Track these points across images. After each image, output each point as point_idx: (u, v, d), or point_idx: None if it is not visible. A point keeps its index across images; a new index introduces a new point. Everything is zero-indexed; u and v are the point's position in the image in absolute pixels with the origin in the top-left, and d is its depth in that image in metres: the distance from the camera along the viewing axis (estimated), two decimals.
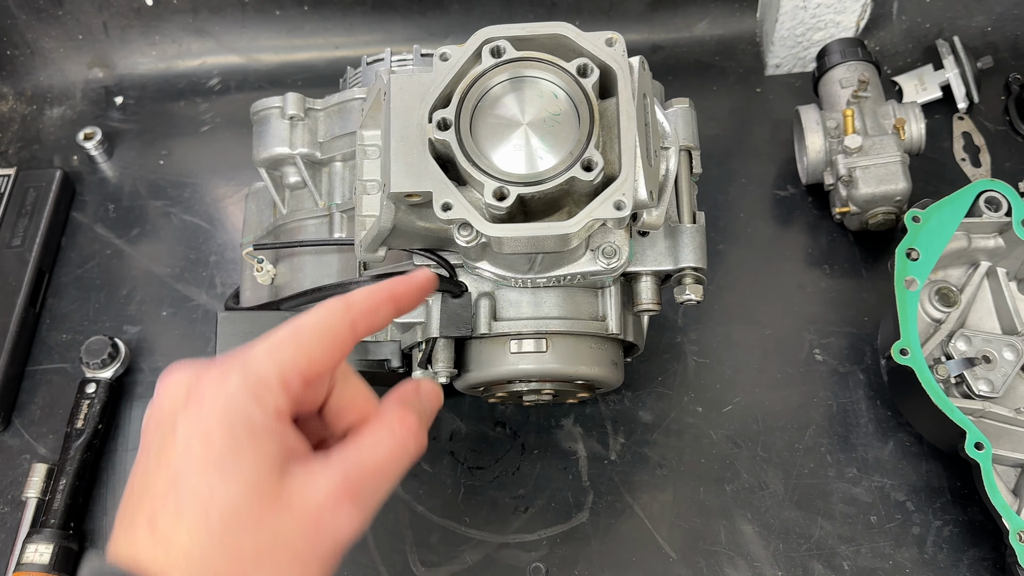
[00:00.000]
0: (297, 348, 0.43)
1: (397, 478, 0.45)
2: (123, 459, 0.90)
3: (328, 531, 0.41)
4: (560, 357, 0.71)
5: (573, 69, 0.59)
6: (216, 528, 0.39)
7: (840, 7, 1.04)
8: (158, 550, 0.39)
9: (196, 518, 0.39)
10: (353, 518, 0.42)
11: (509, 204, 0.57)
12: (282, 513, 0.40)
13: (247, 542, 0.39)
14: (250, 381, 0.42)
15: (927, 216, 0.83)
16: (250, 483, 0.40)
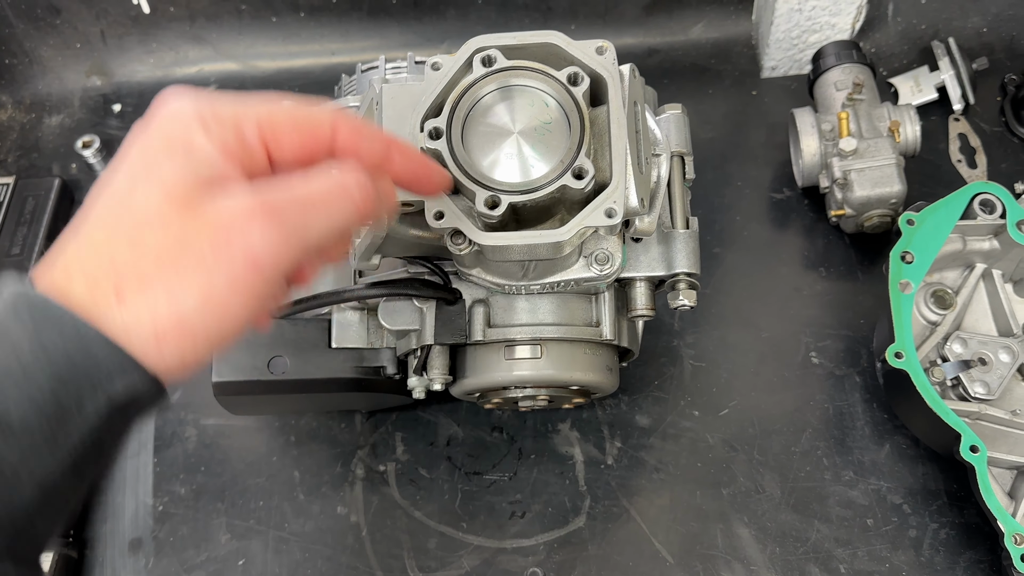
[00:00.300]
0: (264, 109, 0.43)
1: (336, 219, 0.43)
2: (122, 467, 0.90)
3: (238, 243, 0.39)
4: (555, 363, 0.71)
5: (563, 78, 0.59)
6: (125, 224, 0.39)
7: (835, 9, 1.04)
8: (71, 246, 0.39)
9: (109, 217, 0.40)
10: (268, 236, 0.39)
11: (501, 213, 0.57)
12: (192, 221, 0.39)
13: (152, 242, 0.39)
14: (202, 109, 0.42)
15: (921, 219, 0.83)
16: (167, 189, 0.39)
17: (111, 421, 0.39)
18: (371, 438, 0.89)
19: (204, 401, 0.91)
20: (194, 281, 0.39)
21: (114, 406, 0.39)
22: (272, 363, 0.75)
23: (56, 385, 0.37)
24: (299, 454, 0.89)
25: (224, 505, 0.87)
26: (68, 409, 0.37)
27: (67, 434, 0.37)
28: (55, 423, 0.37)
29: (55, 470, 0.37)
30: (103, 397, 0.38)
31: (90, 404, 0.38)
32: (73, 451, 0.38)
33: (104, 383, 0.38)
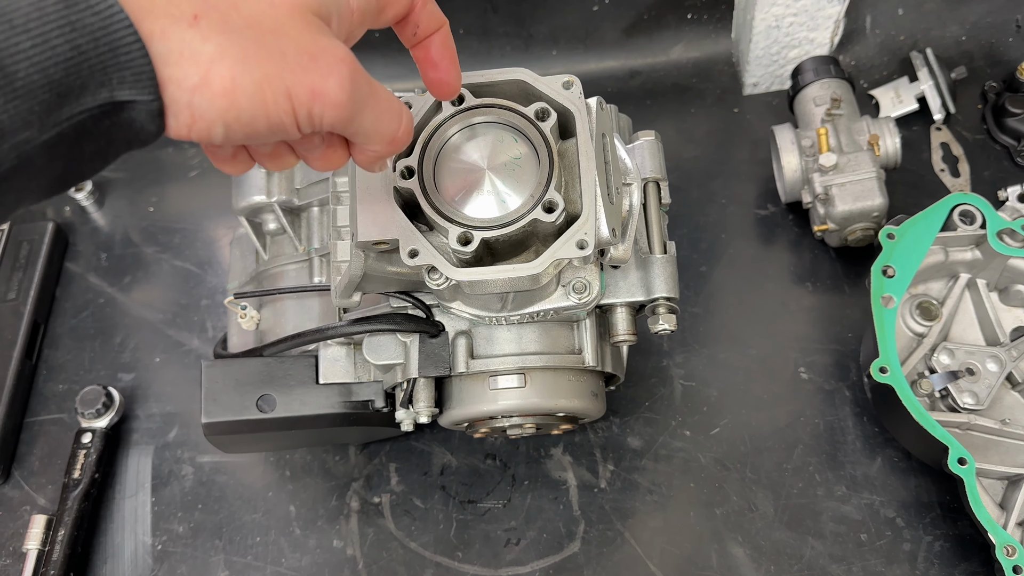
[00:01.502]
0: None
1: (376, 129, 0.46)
2: (120, 507, 0.91)
3: (319, 67, 0.41)
4: (539, 391, 0.71)
5: (531, 113, 0.60)
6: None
7: (813, 24, 1.05)
8: None
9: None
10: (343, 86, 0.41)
11: (474, 248, 0.58)
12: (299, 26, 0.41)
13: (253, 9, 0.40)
14: None
15: (901, 232, 0.83)
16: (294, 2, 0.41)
17: (99, 124, 0.38)
18: (365, 470, 0.90)
19: (200, 439, 0.93)
20: (264, 64, 0.39)
21: (109, 110, 0.37)
22: (261, 401, 0.76)
23: (71, 59, 0.35)
24: (294, 488, 0.90)
25: (222, 542, 0.88)
26: (71, 89, 0.36)
27: (59, 114, 0.36)
28: (53, 98, 0.36)
29: (35, 143, 0.36)
30: (106, 94, 0.37)
31: (90, 96, 0.37)
32: (56, 134, 0.37)
33: (114, 80, 0.37)
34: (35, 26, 0.35)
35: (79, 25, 0.35)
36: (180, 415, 0.96)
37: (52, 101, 0.36)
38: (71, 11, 0.35)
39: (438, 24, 0.51)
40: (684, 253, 0.99)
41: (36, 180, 0.38)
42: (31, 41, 0.35)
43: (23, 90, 0.35)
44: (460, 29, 1.13)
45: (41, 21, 0.35)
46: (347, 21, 0.44)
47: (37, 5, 0.35)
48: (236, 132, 0.40)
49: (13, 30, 0.34)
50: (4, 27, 0.34)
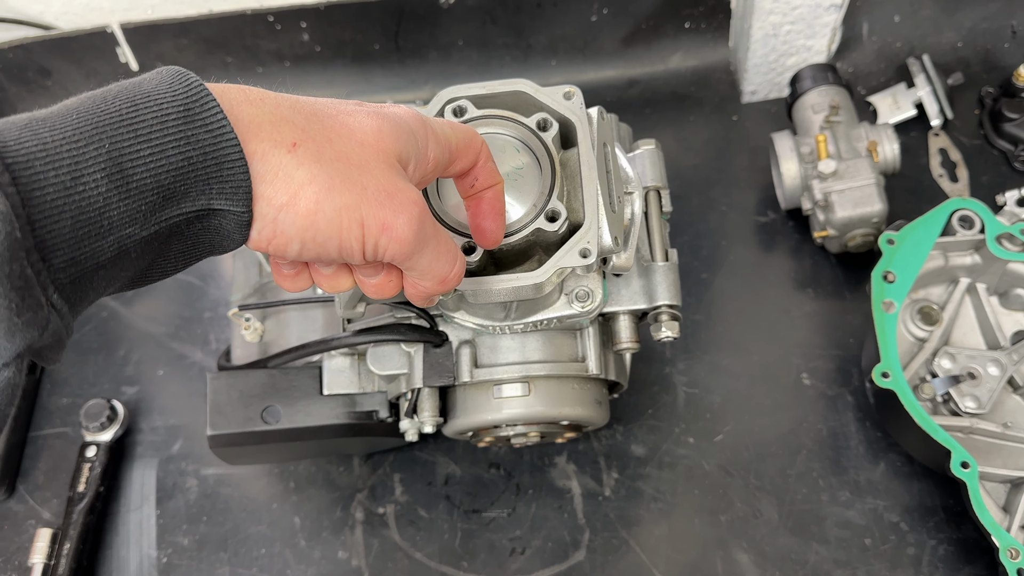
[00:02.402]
0: (452, 131, 0.52)
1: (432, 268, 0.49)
2: (125, 520, 0.91)
3: (394, 205, 0.45)
4: (543, 400, 0.72)
5: (533, 124, 0.61)
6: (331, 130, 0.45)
7: (810, 32, 1.06)
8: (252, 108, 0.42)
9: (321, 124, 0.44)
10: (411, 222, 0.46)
11: (478, 258, 0.59)
12: (379, 165, 0.45)
13: (345, 148, 0.44)
14: (428, 121, 0.50)
15: (901, 238, 0.84)
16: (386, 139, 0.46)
17: (191, 226, 0.42)
18: (370, 480, 0.90)
19: (204, 451, 0.93)
20: (345, 194, 0.43)
21: (204, 215, 0.41)
22: (266, 413, 0.76)
23: (181, 169, 0.39)
24: (299, 500, 0.90)
25: (227, 554, 0.88)
26: (177, 195, 0.40)
27: (160, 215, 0.40)
28: (159, 200, 0.39)
29: (136, 240, 0.39)
30: (204, 201, 0.41)
31: (190, 202, 0.40)
32: (154, 230, 0.40)
33: (215, 191, 0.41)
34: (156, 136, 0.39)
35: (193, 140, 0.39)
36: (184, 427, 0.96)
37: (158, 203, 0.39)
38: (188, 126, 0.39)
39: (494, 182, 0.55)
40: (685, 260, 0.99)
41: (126, 271, 0.41)
42: (150, 149, 0.39)
43: (136, 192, 0.38)
44: (459, 41, 1.14)
45: (162, 132, 0.39)
46: (422, 168, 0.49)
47: (160, 117, 0.39)
48: (310, 250, 0.44)
49: (137, 138, 0.38)
50: (127, 134, 0.38)
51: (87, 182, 0.37)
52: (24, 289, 0.35)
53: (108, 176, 0.37)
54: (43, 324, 0.37)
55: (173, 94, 0.40)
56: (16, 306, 0.35)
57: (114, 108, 0.38)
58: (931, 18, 1.12)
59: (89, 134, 0.37)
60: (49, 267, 0.37)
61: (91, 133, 0.37)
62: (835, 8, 1.02)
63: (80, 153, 0.37)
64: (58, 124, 0.37)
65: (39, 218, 0.36)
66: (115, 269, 0.40)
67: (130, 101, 0.39)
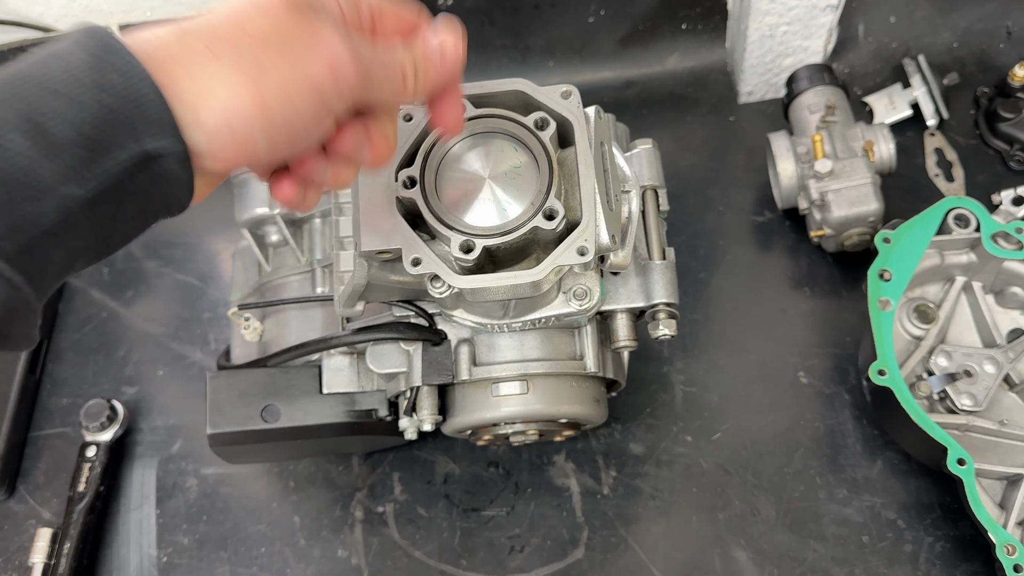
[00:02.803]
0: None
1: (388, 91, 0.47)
2: (125, 520, 0.91)
3: (326, 50, 0.43)
4: (542, 398, 0.72)
5: (531, 123, 0.61)
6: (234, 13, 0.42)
7: (806, 33, 1.07)
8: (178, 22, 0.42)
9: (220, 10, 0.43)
10: (349, 60, 0.44)
11: (476, 256, 0.59)
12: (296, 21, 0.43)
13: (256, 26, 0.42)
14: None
15: (897, 237, 0.84)
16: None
17: (134, 179, 0.40)
18: (369, 479, 0.91)
19: (204, 451, 0.92)
20: (282, 66, 0.42)
21: (141, 162, 0.40)
22: (265, 412, 0.76)
23: (101, 117, 0.38)
24: (298, 499, 0.90)
25: (227, 553, 0.88)
26: (104, 144, 0.39)
27: (96, 168, 0.39)
28: (88, 153, 0.38)
29: (77, 198, 0.39)
30: (135, 146, 0.39)
31: (123, 151, 0.39)
32: (96, 188, 0.39)
33: (142, 132, 0.39)
34: (68, 89, 0.38)
35: (106, 85, 0.39)
36: (184, 427, 0.96)
37: (87, 156, 0.38)
38: (98, 74, 0.39)
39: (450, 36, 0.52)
40: (682, 260, 1.00)
41: (82, 239, 0.40)
42: (65, 103, 0.38)
43: (60, 147, 0.38)
44: None
45: (74, 84, 0.38)
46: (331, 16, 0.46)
47: (68, 70, 0.38)
48: (277, 140, 0.43)
49: (48, 93, 0.38)
50: (38, 91, 0.38)
51: (6, 145, 0.37)
52: None
53: (26, 135, 0.37)
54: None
55: (81, 46, 0.39)
56: None
57: (25, 70, 0.38)
58: (926, 19, 1.13)
59: (1, 98, 0.37)
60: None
61: (3, 97, 0.37)
62: (831, 9, 1.03)
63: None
64: None
65: None
66: (69, 235, 0.39)
67: (39, 62, 0.39)
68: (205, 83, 0.41)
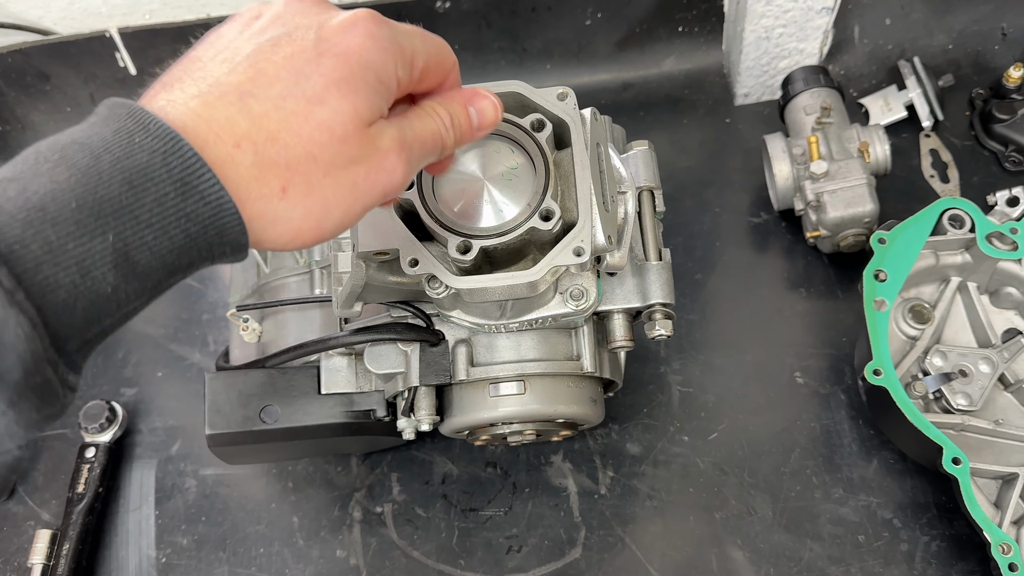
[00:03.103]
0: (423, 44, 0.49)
1: (430, 156, 0.50)
2: (124, 521, 0.92)
3: (386, 173, 0.45)
4: (539, 398, 0.73)
5: (527, 124, 0.61)
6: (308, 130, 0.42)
7: (802, 35, 1.07)
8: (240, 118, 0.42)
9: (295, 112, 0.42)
10: (402, 170, 0.46)
11: (473, 257, 0.59)
12: (364, 146, 0.44)
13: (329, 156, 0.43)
14: (395, 40, 0.46)
15: (892, 237, 0.85)
16: (360, 109, 0.44)
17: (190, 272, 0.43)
18: (367, 480, 0.91)
19: (203, 452, 0.93)
20: (344, 200, 0.44)
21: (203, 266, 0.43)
22: (264, 412, 0.77)
23: (184, 246, 0.40)
24: (297, 499, 0.91)
25: (226, 554, 0.89)
26: (181, 267, 0.41)
27: (164, 285, 0.41)
28: (166, 276, 0.40)
29: (139, 307, 0.40)
30: (206, 264, 0.42)
31: (193, 269, 0.42)
32: (160, 293, 0.41)
33: (217, 255, 0.42)
34: (157, 220, 0.39)
35: (193, 216, 0.40)
36: (183, 428, 0.96)
37: (163, 279, 0.40)
38: (186, 202, 0.39)
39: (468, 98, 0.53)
40: (679, 261, 1.00)
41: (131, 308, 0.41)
42: (153, 234, 0.39)
43: (143, 274, 0.39)
44: (455, 45, 1.13)
45: (162, 215, 0.39)
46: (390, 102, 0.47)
47: (159, 199, 0.39)
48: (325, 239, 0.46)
49: (139, 224, 0.38)
50: (132, 223, 0.38)
51: (95, 276, 0.37)
52: (44, 389, 0.36)
53: (115, 267, 0.38)
54: (58, 411, 0.38)
55: (168, 169, 0.39)
56: (36, 405, 0.36)
57: (112, 193, 0.38)
58: (922, 20, 1.14)
59: (92, 227, 0.37)
60: (65, 357, 0.37)
61: (94, 226, 0.37)
62: (826, 11, 1.03)
63: (87, 250, 0.37)
64: (59, 218, 0.37)
65: (52, 320, 0.36)
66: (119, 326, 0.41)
67: (127, 183, 0.38)
68: (273, 220, 0.42)
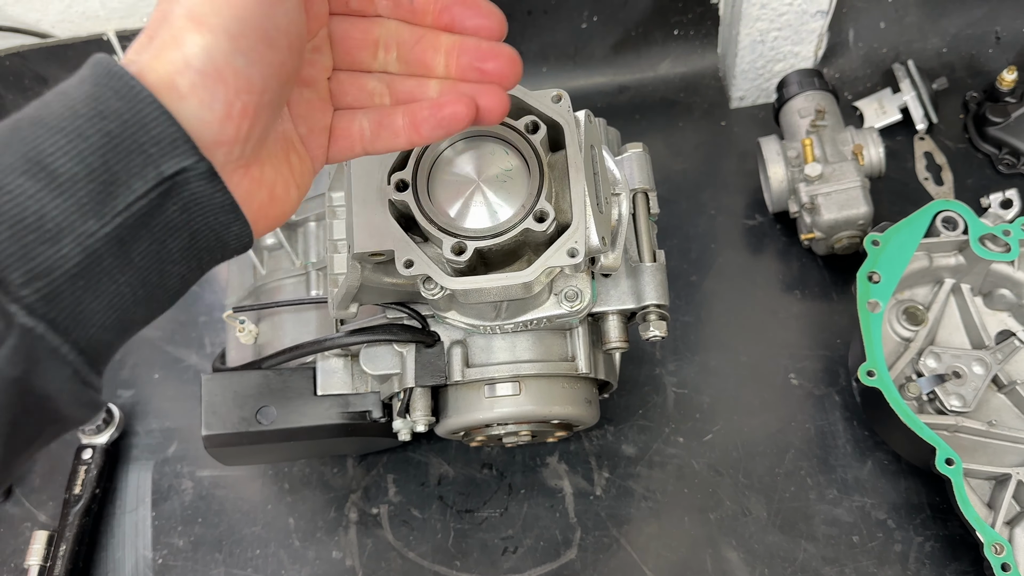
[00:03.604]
0: None
1: None
2: (121, 522, 0.92)
3: None
4: (534, 399, 0.73)
5: (522, 126, 0.62)
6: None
7: (797, 38, 1.08)
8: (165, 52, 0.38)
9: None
10: None
11: (467, 258, 0.60)
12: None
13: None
14: None
15: (886, 239, 0.85)
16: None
17: (164, 205, 0.38)
18: (363, 481, 0.91)
19: (199, 453, 0.93)
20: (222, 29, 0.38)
21: (166, 190, 0.38)
22: (260, 413, 0.77)
23: (107, 145, 0.36)
24: (293, 501, 0.91)
25: (222, 555, 0.89)
26: (116, 174, 0.36)
27: (113, 201, 0.36)
28: (101, 186, 0.36)
29: (99, 236, 0.36)
30: (153, 172, 0.37)
31: (140, 179, 0.37)
32: (118, 222, 0.37)
33: (156, 157, 0.37)
34: (67, 124, 0.36)
35: (107, 112, 0.36)
36: (179, 430, 0.97)
37: (100, 189, 0.36)
38: (98, 102, 0.36)
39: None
40: (675, 263, 1.01)
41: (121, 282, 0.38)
42: (65, 137, 0.36)
43: (68, 184, 0.36)
44: None
45: (72, 118, 0.36)
46: None
47: (68, 104, 0.36)
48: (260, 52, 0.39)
49: (48, 130, 0.36)
50: (40, 130, 0.36)
51: (10, 189, 0.35)
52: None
53: (30, 176, 0.35)
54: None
55: (81, 78, 0.37)
56: None
57: (26, 113, 0.37)
58: (916, 24, 1.14)
59: (3, 143, 0.36)
60: (6, 285, 0.34)
61: (4, 142, 0.36)
62: (821, 15, 1.04)
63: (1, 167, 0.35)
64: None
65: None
66: (102, 279, 0.37)
67: (42, 102, 0.37)
68: (179, 54, 0.38)
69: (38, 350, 0.35)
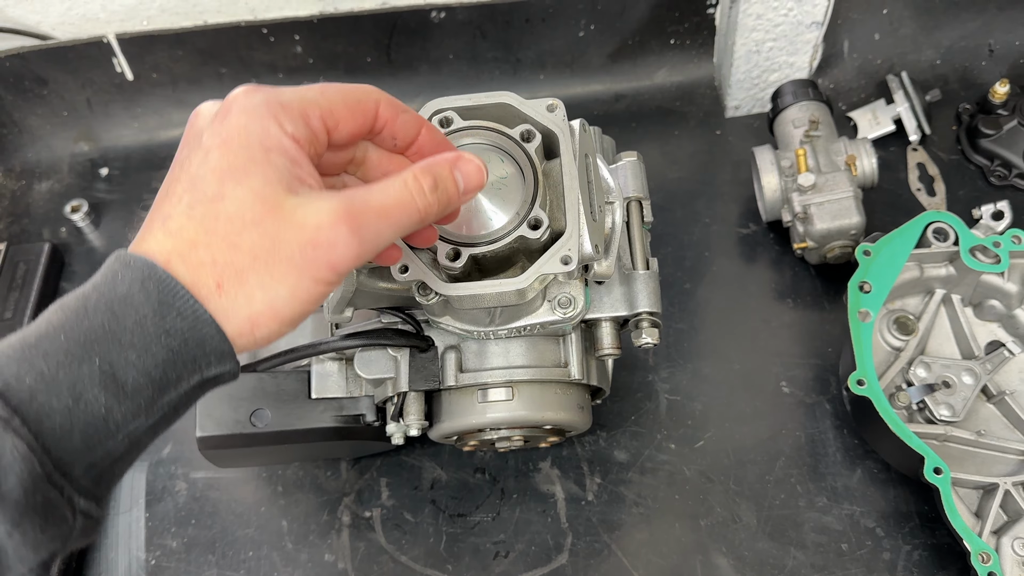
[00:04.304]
0: (321, 95, 0.48)
1: (401, 227, 0.48)
2: (114, 523, 0.92)
3: (324, 248, 0.44)
4: (527, 404, 0.73)
5: (517, 135, 0.63)
6: (221, 225, 0.43)
7: (792, 49, 1.09)
8: (167, 241, 0.44)
9: (204, 216, 0.43)
10: (349, 243, 0.45)
11: (462, 264, 0.60)
12: (283, 223, 0.44)
13: (247, 241, 0.43)
14: (271, 102, 0.46)
15: (877, 249, 0.86)
16: (257, 190, 0.44)
17: (195, 395, 0.45)
18: (356, 484, 0.92)
19: (193, 455, 0.94)
20: (285, 278, 0.44)
21: (202, 385, 0.45)
22: (254, 416, 0.77)
23: (168, 361, 0.42)
24: (286, 503, 0.91)
25: (215, 557, 0.89)
26: (170, 382, 0.43)
27: (161, 400, 0.43)
28: (157, 392, 0.43)
29: (144, 428, 0.43)
30: (198, 377, 0.44)
31: (186, 382, 0.44)
32: (160, 415, 0.44)
33: (203, 366, 0.44)
34: (138, 340, 0.42)
35: (172, 331, 0.42)
36: (174, 432, 0.96)
37: (154, 395, 0.43)
38: (165, 320, 0.42)
39: (417, 129, 0.53)
40: (669, 271, 1.01)
41: (141, 450, 0.45)
42: (136, 353, 0.42)
43: (132, 392, 0.42)
44: (450, 54, 1.16)
45: (143, 334, 0.42)
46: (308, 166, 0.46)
47: (138, 321, 0.42)
48: (298, 323, 0.46)
49: (122, 347, 0.42)
50: (116, 346, 0.42)
51: (88, 399, 0.41)
52: (47, 509, 0.39)
53: (104, 388, 0.41)
54: (67, 534, 0.41)
55: (146, 294, 0.42)
56: (40, 525, 0.39)
57: (97, 323, 0.42)
58: (910, 36, 1.15)
59: (80, 355, 0.41)
60: (70, 480, 0.40)
61: (81, 353, 0.41)
62: (816, 26, 1.05)
63: (76, 376, 0.40)
64: (50, 350, 0.41)
65: (52, 444, 0.40)
66: (132, 455, 0.44)
67: (110, 311, 0.42)
68: (225, 317, 0.43)
69: (91, 526, 0.43)
